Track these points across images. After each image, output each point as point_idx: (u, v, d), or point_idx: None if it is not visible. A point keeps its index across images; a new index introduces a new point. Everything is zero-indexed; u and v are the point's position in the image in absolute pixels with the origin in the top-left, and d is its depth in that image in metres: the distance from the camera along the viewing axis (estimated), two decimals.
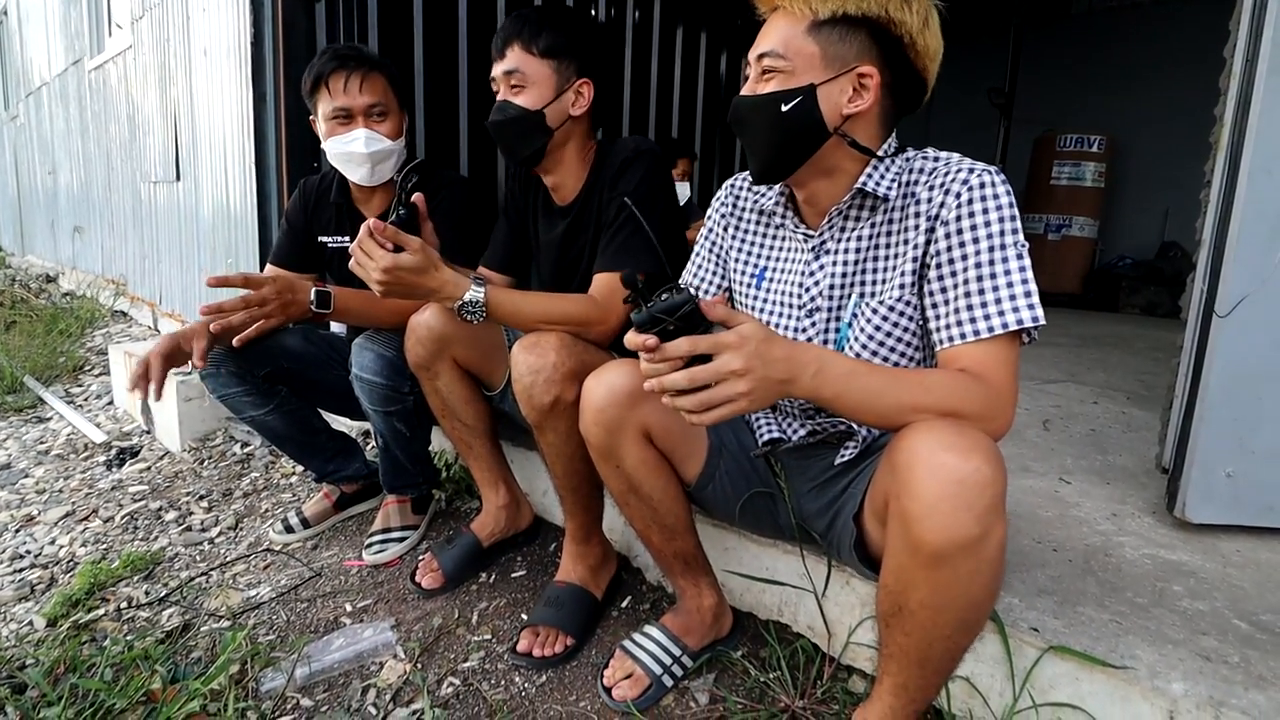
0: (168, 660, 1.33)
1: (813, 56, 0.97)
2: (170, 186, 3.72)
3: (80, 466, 2.43)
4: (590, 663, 1.34)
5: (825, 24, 0.96)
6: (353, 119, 1.63)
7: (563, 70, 1.43)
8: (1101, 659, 0.96)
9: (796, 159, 1.02)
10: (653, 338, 0.82)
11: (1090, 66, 5.95)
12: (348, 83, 1.61)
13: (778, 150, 1.02)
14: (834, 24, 0.96)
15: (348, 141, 1.63)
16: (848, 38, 0.96)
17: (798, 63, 0.97)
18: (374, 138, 1.63)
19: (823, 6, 0.95)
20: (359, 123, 1.63)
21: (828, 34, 0.96)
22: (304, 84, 1.67)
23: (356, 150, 1.62)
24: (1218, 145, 1.33)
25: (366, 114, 1.63)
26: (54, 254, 6.57)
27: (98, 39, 4.92)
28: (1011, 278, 0.91)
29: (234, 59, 2.75)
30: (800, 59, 0.97)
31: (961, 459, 0.78)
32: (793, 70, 0.97)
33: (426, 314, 1.43)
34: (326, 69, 1.62)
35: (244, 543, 1.85)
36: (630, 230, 1.39)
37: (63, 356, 3.70)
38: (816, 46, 0.97)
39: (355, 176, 1.69)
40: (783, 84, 0.98)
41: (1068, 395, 2.47)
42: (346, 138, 1.63)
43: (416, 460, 1.78)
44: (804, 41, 0.97)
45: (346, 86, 1.61)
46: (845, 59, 0.97)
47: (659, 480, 1.18)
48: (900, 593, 0.87)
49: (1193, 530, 1.38)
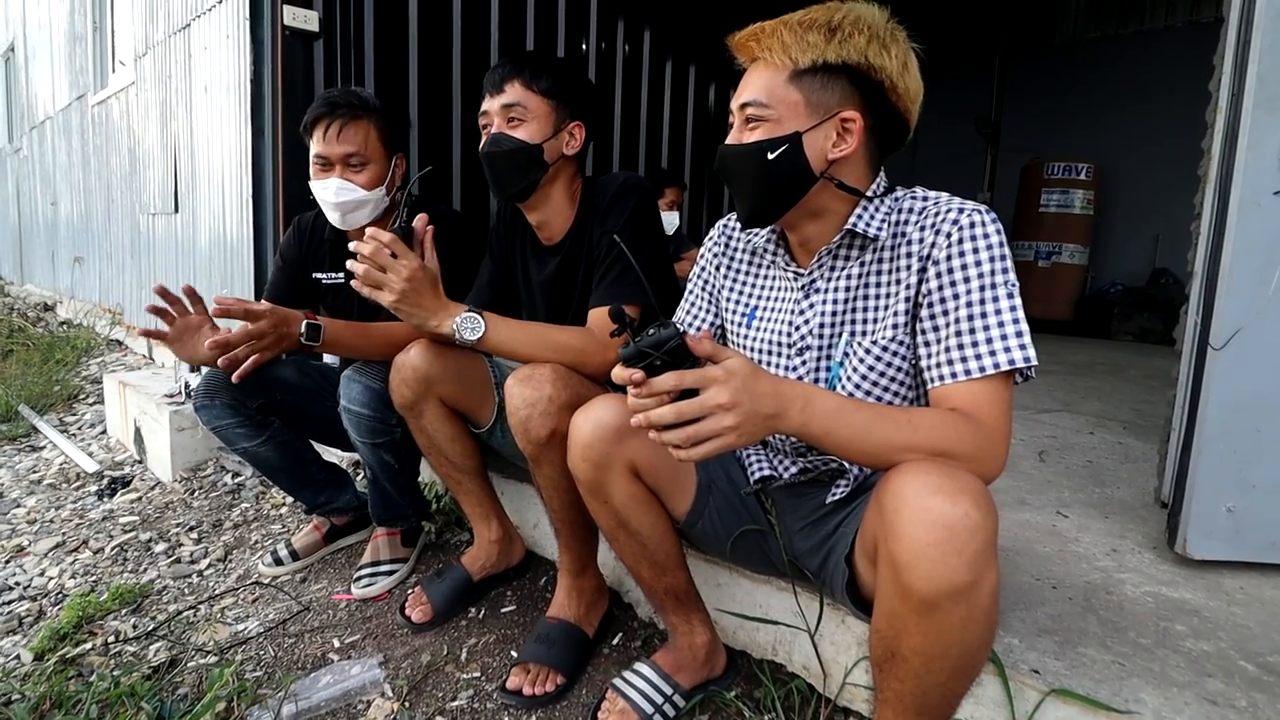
0: (154, 697, 1.31)
1: (796, 104, 0.98)
2: (169, 218, 3.74)
3: (72, 496, 2.42)
4: (581, 702, 1.31)
5: (806, 72, 0.97)
6: (331, 167, 1.64)
7: (560, 110, 1.46)
8: (1106, 703, 0.94)
9: (784, 204, 1.03)
10: (639, 372, 0.81)
11: (1075, 95, 6.05)
12: (328, 131, 1.62)
13: (765, 196, 1.02)
14: (815, 72, 0.97)
15: (322, 189, 1.65)
16: (829, 85, 0.97)
17: (781, 111, 0.98)
18: (345, 188, 1.63)
19: (803, 56, 0.96)
20: (335, 171, 1.64)
21: (809, 82, 0.97)
22: (302, 123, 1.69)
23: (327, 199, 1.64)
24: (1206, 178, 1.33)
25: (344, 163, 1.64)
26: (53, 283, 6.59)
27: (101, 75, 4.99)
28: (1003, 317, 0.91)
29: (234, 95, 2.79)
30: (784, 107, 0.98)
31: (950, 503, 0.76)
32: (777, 118, 0.98)
33: (412, 354, 1.43)
34: (314, 114, 1.64)
35: (233, 575, 1.83)
36: (623, 265, 1.39)
37: (58, 385, 3.70)
38: (799, 95, 0.98)
39: (331, 220, 1.71)
40: (768, 132, 0.99)
41: (1063, 425, 2.46)
42: (322, 184, 1.64)
43: (406, 492, 1.76)
44: (786, 90, 0.98)
45: (327, 134, 1.62)
46: (828, 105, 0.98)
47: (648, 516, 1.17)
48: (893, 638, 0.84)
49: (1194, 566, 1.36)
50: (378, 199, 1.69)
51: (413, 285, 1.22)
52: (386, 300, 1.23)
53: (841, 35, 0.95)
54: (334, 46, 2.51)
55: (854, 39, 0.95)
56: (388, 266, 1.21)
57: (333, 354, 1.64)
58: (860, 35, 0.95)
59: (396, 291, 1.22)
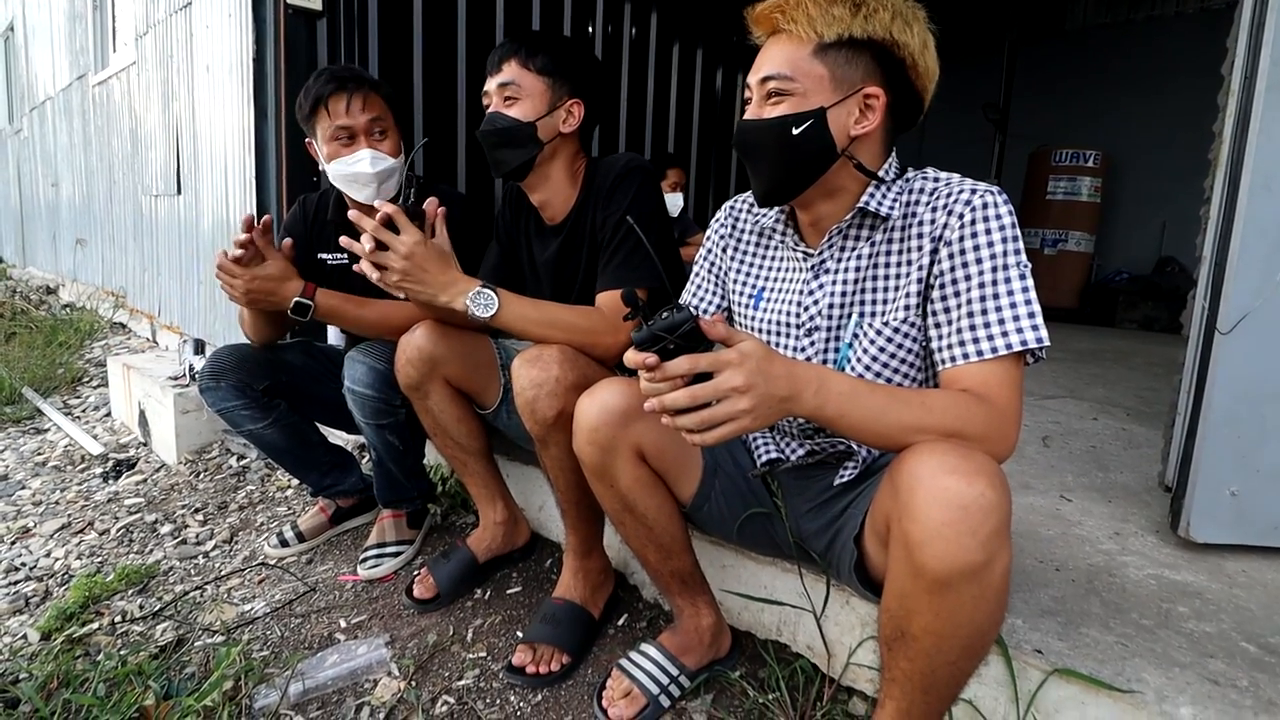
0: (161, 676, 1.32)
1: (821, 79, 0.97)
2: (171, 200, 3.73)
3: (77, 478, 2.42)
4: (586, 682, 1.32)
5: (831, 46, 0.96)
6: (355, 139, 1.61)
7: (556, 88, 1.44)
8: (1108, 683, 0.95)
9: (804, 181, 1.02)
10: (653, 356, 0.81)
11: (1084, 82, 5.98)
12: (350, 103, 1.60)
13: (787, 173, 1.01)
14: (840, 47, 0.96)
15: (353, 163, 1.61)
16: (854, 60, 0.97)
17: (806, 84, 0.97)
18: (379, 157, 1.62)
19: (828, 30, 0.95)
20: (362, 142, 1.61)
21: (834, 56, 0.97)
22: (299, 108, 1.64)
23: (363, 170, 1.61)
24: (1216, 161, 1.32)
25: (368, 133, 1.62)
26: (55, 266, 6.57)
27: (102, 55, 4.94)
28: (1015, 298, 0.91)
29: (236, 75, 2.76)
30: (809, 81, 0.97)
31: (965, 483, 0.76)
32: (802, 92, 0.97)
33: (417, 334, 1.42)
34: (326, 90, 1.60)
35: (239, 556, 1.84)
36: (630, 247, 1.38)
37: (61, 368, 3.70)
38: (824, 69, 0.97)
39: (360, 196, 1.67)
40: (792, 107, 0.98)
41: (1067, 411, 2.46)
42: (351, 159, 1.61)
43: (411, 474, 1.76)
44: (811, 64, 0.97)
45: (349, 107, 1.60)
46: (852, 81, 0.97)
47: (654, 499, 1.17)
48: (903, 618, 0.85)
49: (1197, 550, 1.37)
50: (401, 168, 1.67)
51: (414, 261, 1.20)
52: (391, 280, 1.21)
53: (867, 10, 0.95)
54: (337, 25, 2.48)
55: (879, 14, 0.95)
56: (388, 242, 1.19)
57: (332, 323, 1.63)
58: (884, 11, 0.95)
59: (398, 269, 1.20)
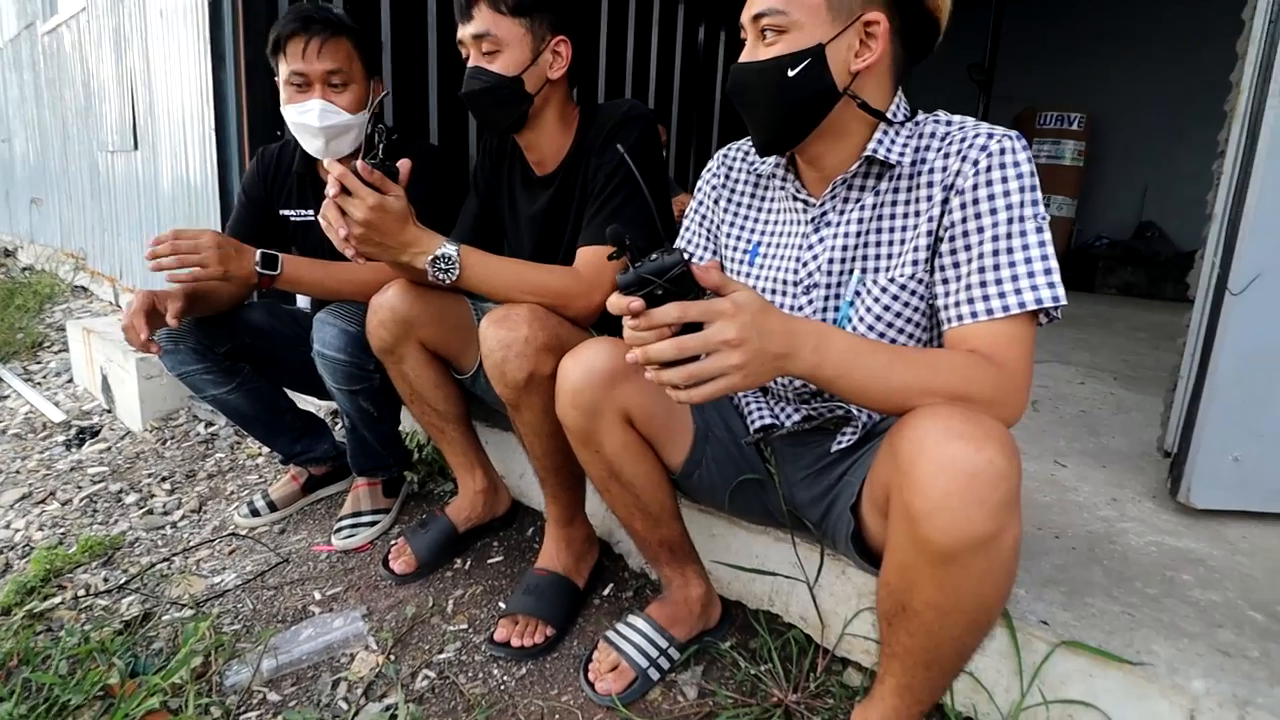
0: (126, 652, 1.26)
1: (817, 8, 0.88)
2: (128, 156, 3.56)
3: (38, 446, 2.34)
4: (572, 654, 1.28)
5: None
6: (310, 86, 1.51)
7: (536, 29, 1.31)
8: (1117, 655, 0.91)
9: (806, 126, 0.94)
10: (639, 301, 0.73)
11: (1071, 43, 5.89)
12: (307, 47, 1.49)
13: (785, 119, 0.93)
14: None
15: (302, 111, 1.51)
16: None
17: (800, 16, 0.88)
18: (329, 110, 1.51)
19: None
20: (315, 91, 1.51)
21: None
22: (268, 43, 1.55)
23: (309, 122, 1.51)
24: (1233, 112, 1.26)
25: (325, 82, 1.51)
26: (11, 227, 6.33)
27: (50, 1, 4.68)
28: (1030, 253, 0.84)
29: (191, 20, 2.60)
30: (803, 12, 0.88)
31: (973, 449, 0.70)
32: (798, 25, 0.88)
33: (390, 294, 1.34)
34: (286, 29, 1.50)
35: (208, 527, 1.77)
36: (622, 198, 1.29)
37: (21, 333, 3.58)
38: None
39: (310, 149, 1.58)
40: (788, 45, 0.89)
41: (1054, 375, 2.44)
42: (302, 107, 1.51)
43: (386, 441, 1.70)
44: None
45: (305, 51, 1.49)
46: (850, 8, 0.88)
47: (641, 466, 1.11)
48: (904, 591, 0.80)
49: (1196, 516, 1.34)
50: (361, 124, 1.57)
51: (376, 217, 1.09)
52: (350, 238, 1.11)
53: None
54: None
55: None
56: (344, 206, 1.09)
57: (298, 291, 1.54)
58: None
59: (356, 224, 1.09)
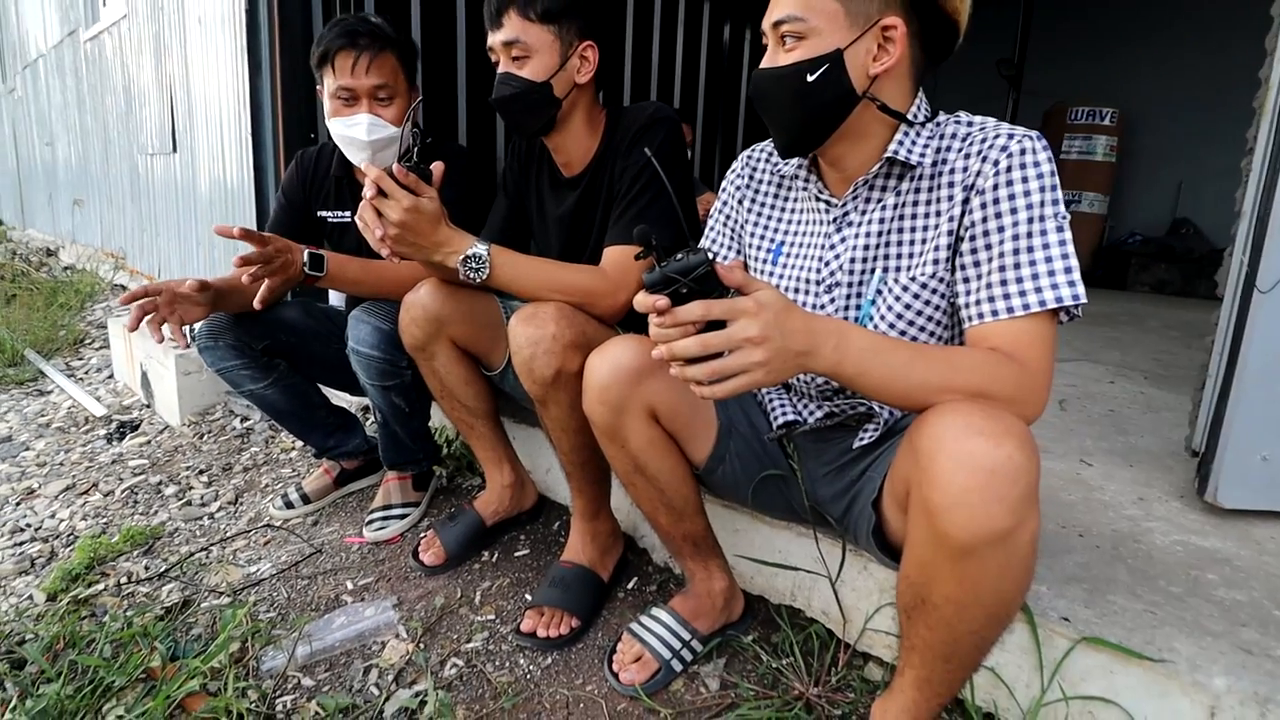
0: (167, 637, 1.31)
1: (835, 14, 0.90)
2: (167, 158, 3.66)
3: (81, 440, 2.41)
4: (596, 645, 1.30)
5: None
6: (357, 100, 1.55)
7: (564, 35, 1.34)
8: (1138, 651, 0.92)
9: (826, 129, 0.96)
10: (664, 299, 0.75)
11: (1102, 37, 5.80)
12: (355, 63, 1.52)
13: (805, 123, 0.95)
14: None
15: (349, 125, 1.55)
16: None
17: (819, 22, 0.90)
18: (377, 124, 1.55)
19: None
20: (363, 105, 1.55)
21: None
22: (312, 55, 1.59)
23: (358, 136, 1.55)
24: (1262, 109, 1.25)
25: (372, 96, 1.55)
26: (54, 227, 6.52)
27: (92, 9, 4.82)
28: (1051, 251, 0.85)
29: (229, 28, 2.68)
30: (822, 18, 0.90)
31: (993, 445, 0.72)
32: (817, 31, 0.91)
33: (422, 292, 1.38)
34: (334, 45, 1.53)
35: (244, 518, 1.82)
36: (648, 199, 1.32)
37: (63, 330, 3.68)
38: (837, 3, 0.90)
39: (355, 159, 1.62)
40: (807, 51, 0.91)
41: (1083, 374, 2.42)
42: (349, 120, 1.55)
43: (416, 436, 1.74)
44: (822, 1, 0.90)
45: (355, 67, 1.53)
46: (868, 14, 0.90)
47: (666, 461, 1.13)
48: (923, 585, 0.82)
49: (1223, 515, 1.33)
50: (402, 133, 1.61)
51: (411, 218, 1.14)
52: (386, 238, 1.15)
53: None
54: None
55: None
56: (381, 208, 1.14)
57: (337, 289, 1.59)
58: None
59: (392, 224, 1.14)
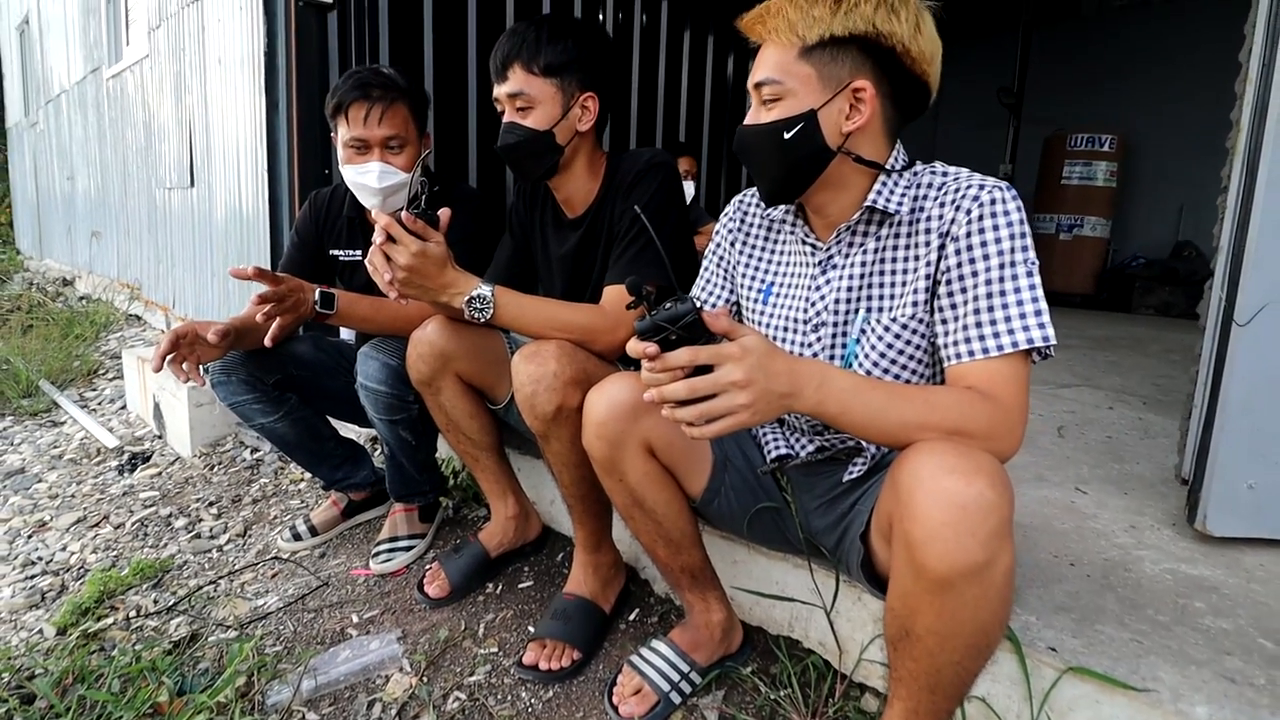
0: (175, 671, 1.33)
1: (808, 78, 0.97)
2: (184, 192, 3.75)
3: (93, 471, 2.45)
4: (597, 678, 1.32)
5: (815, 47, 0.96)
6: (369, 149, 1.61)
7: (566, 87, 1.41)
8: (1123, 681, 0.94)
9: (804, 181, 1.02)
10: (654, 346, 0.81)
11: (1101, 65, 5.89)
12: (368, 115, 1.59)
13: (784, 175, 1.02)
14: (823, 46, 0.96)
15: (361, 173, 1.61)
16: (838, 57, 0.96)
17: (794, 85, 0.97)
18: (388, 171, 1.61)
19: (809, 32, 0.95)
20: (375, 154, 1.61)
21: (819, 56, 0.96)
22: (327, 105, 1.66)
23: (369, 183, 1.61)
24: (1234, 150, 1.29)
25: (383, 145, 1.61)
26: (71, 258, 6.64)
27: (115, 48, 4.97)
28: (1022, 296, 0.90)
29: (248, 68, 2.77)
30: (796, 82, 0.97)
31: (964, 483, 0.76)
32: (793, 93, 0.98)
33: (429, 329, 1.42)
34: (349, 97, 1.59)
35: (252, 550, 1.85)
36: (643, 243, 1.38)
37: (78, 360, 3.73)
38: (811, 69, 0.97)
39: (366, 204, 1.69)
40: (784, 111, 0.98)
41: (1082, 401, 2.44)
42: (361, 168, 1.61)
43: (423, 468, 1.77)
44: (798, 66, 0.97)
45: (367, 118, 1.59)
46: (839, 78, 0.97)
47: (663, 494, 1.17)
48: (906, 617, 0.85)
49: (1213, 543, 1.35)
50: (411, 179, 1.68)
51: (418, 263, 1.21)
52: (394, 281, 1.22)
53: (847, 6, 0.94)
54: (348, 18, 2.47)
55: (860, 8, 0.94)
56: (390, 253, 1.20)
57: (347, 327, 1.64)
58: (866, 3, 0.94)
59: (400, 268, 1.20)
